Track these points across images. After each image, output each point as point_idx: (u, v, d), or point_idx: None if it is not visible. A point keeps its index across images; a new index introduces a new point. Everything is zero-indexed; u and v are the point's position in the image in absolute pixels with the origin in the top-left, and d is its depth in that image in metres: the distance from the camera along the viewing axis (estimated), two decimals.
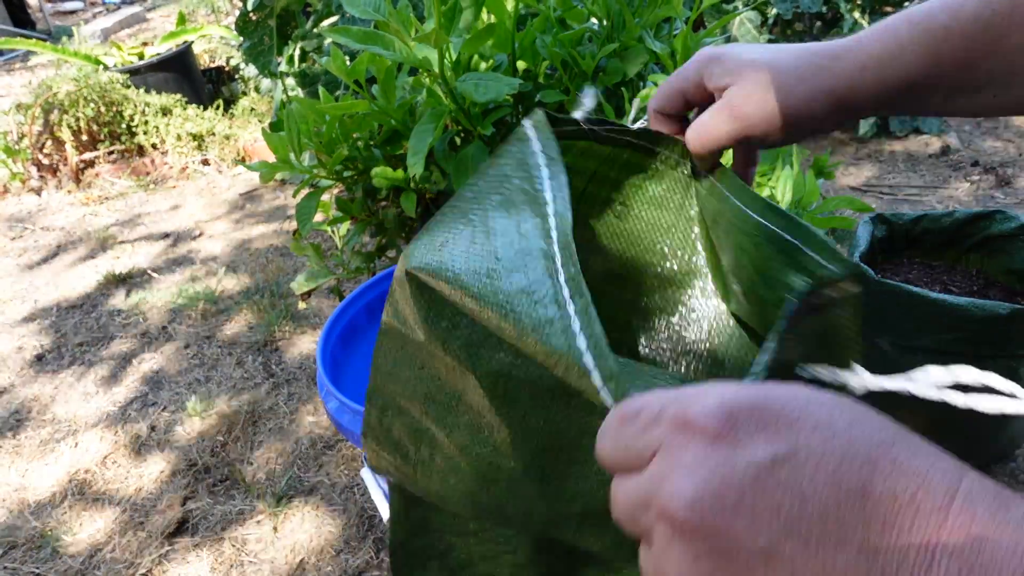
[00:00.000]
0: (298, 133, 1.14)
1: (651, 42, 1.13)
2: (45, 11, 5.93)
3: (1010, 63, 0.38)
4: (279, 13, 1.85)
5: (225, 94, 3.38)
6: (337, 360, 0.90)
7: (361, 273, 1.38)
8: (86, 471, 1.44)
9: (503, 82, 1.00)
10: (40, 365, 1.82)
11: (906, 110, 0.43)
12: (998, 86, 0.39)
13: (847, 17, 2.21)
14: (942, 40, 0.39)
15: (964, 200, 1.96)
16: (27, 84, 3.66)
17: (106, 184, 2.86)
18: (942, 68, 0.39)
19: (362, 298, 0.97)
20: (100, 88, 2.84)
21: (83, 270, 2.26)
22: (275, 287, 1.99)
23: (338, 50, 1.10)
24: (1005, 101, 0.40)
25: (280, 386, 1.61)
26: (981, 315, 0.95)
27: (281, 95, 2.04)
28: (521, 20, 1.19)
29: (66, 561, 1.25)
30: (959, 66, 0.39)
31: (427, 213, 1.30)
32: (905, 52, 0.39)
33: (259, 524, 1.27)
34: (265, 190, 2.68)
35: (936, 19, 0.39)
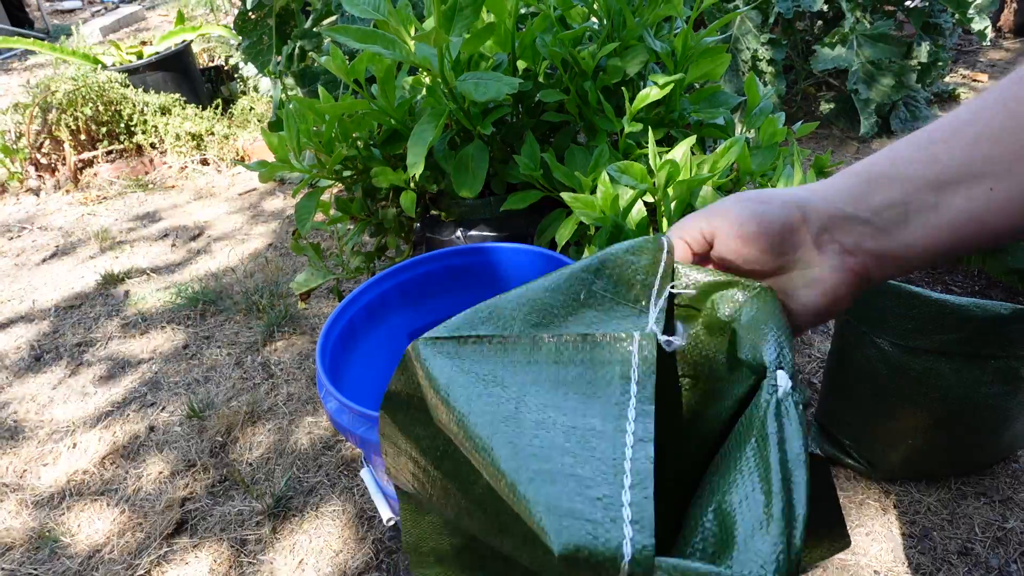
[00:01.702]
0: (297, 133, 1.14)
1: (651, 41, 1.12)
2: (43, 10, 5.92)
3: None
4: (278, 12, 1.84)
5: (224, 93, 3.38)
6: (337, 360, 0.90)
7: (361, 273, 1.38)
8: (84, 472, 1.44)
9: (503, 81, 0.99)
10: (38, 365, 1.81)
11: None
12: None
13: (848, 16, 2.21)
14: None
15: None
16: (25, 83, 3.66)
17: (104, 184, 2.85)
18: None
19: (362, 298, 0.97)
20: (98, 87, 2.83)
21: (81, 270, 2.26)
22: (274, 287, 1.98)
23: (337, 49, 1.09)
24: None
25: (279, 386, 1.61)
26: (983, 315, 0.95)
27: (280, 94, 2.03)
28: (521, 19, 1.19)
29: (64, 562, 1.24)
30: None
31: (426, 213, 1.29)
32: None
33: (258, 525, 1.27)
34: (264, 190, 2.67)
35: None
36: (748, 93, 1.16)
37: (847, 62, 2.21)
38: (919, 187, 0.35)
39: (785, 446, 0.29)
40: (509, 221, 1.22)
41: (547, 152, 1.10)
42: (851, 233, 0.37)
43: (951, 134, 0.35)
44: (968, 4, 2.21)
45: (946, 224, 0.35)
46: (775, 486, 0.28)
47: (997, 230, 0.35)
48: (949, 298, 0.96)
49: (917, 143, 0.36)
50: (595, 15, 1.16)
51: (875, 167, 0.37)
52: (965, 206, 0.34)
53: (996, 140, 0.33)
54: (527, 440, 0.30)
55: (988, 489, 1.15)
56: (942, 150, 0.35)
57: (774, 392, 0.32)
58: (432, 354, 0.35)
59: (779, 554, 0.26)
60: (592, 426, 0.31)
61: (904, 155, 0.36)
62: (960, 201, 0.34)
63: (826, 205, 0.37)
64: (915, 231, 0.36)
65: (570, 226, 1.09)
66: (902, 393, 1.07)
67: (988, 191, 0.34)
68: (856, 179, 0.38)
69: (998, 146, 0.33)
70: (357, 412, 0.75)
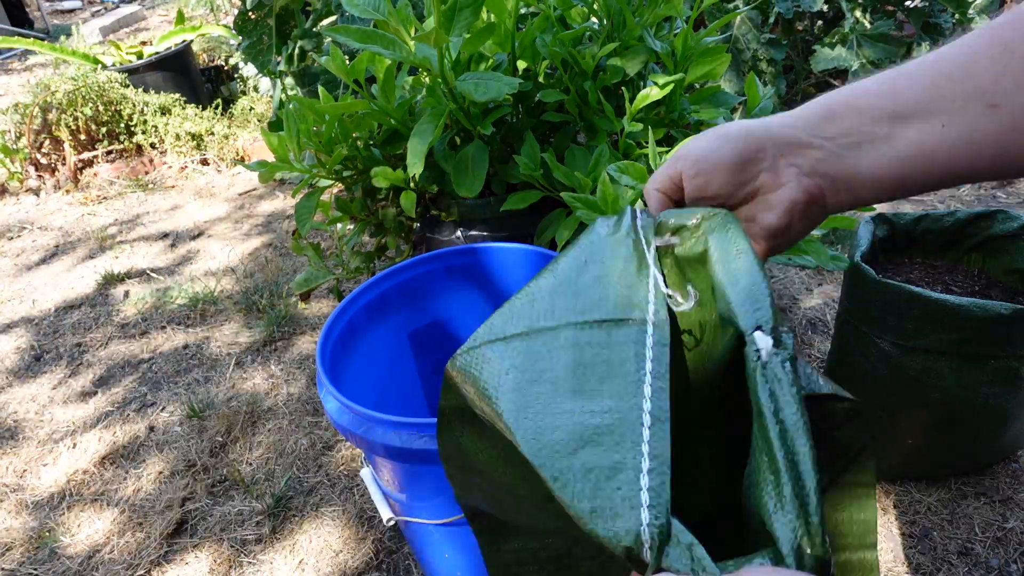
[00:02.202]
0: (297, 133, 1.14)
1: (651, 41, 1.12)
2: (43, 10, 5.92)
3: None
4: (278, 12, 1.84)
5: (224, 93, 3.38)
6: (337, 360, 0.90)
7: (360, 273, 1.38)
8: (84, 472, 1.44)
9: (503, 81, 0.99)
10: (38, 365, 1.81)
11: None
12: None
13: (848, 16, 2.21)
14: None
15: (966, 200, 1.96)
16: (25, 83, 3.65)
17: (104, 184, 2.85)
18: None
19: (362, 298, 0.96)
20: (98, 87, 2.83)
21: (81, 270, 2.26)
22: (274, 287, 1.98)
23: (337, 49, 1.09)
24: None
25: (279, 386, 1.60)
26: (983, 315, 0.95)
27: (280, 94, 2.03)
28: (521, 19, 1.19)
29: (64, 562, 1.24)
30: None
31: (426, 213, 1.29)
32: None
33: (258, 525, 1.27)
34: (264, 190, 2.67)
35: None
36: (748, 93, 1.16)
37: (847, 62, 2.21)
38: (875, 118, 0.37)
39: (781, 415, 0.28)
40: (509, 221, 1.22)
41: (547, 152, 1.10)
42: (806, 157, 0.39)
43: (915, 70, 0.37)
44: (968, 4, 2.21)
45: (896, 156, 0.37)
46: (780, 464, 0.27)
47: (945, 167, 0.36)
48: (949, 298, 0.96)
49: (882, 77, 0.38)
50: (595, 15, 1.16)
51: (837, 96, 0.39)
52: (916, 139, 0.36)
53: (954, 79, 0.35)
54: (559, 435, 0.31)
55: (988, 489, 1.15)
56: (904, 84, 0.37)
57: (758, 357, 0.31)
58: (467, 364, 0.36)
59: (799, 537, 0.26)
60: (610, 408, 0.31)
61: (866, 87, 0.38)
62: (912, 134, 0.36)
63: (783, 132, 0.39)
64: (866, 159, 0.38)
65: (570, 226, 1.09)
66: (902, 393, 1.07)
67: (940, 127, 0.36)
68: (817, 108, 0.39)
69: (955, 85, 0.35)
70: (357, 412, 0.75)
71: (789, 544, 0.26)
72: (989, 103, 0.34)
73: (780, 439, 0.28)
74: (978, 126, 0.35)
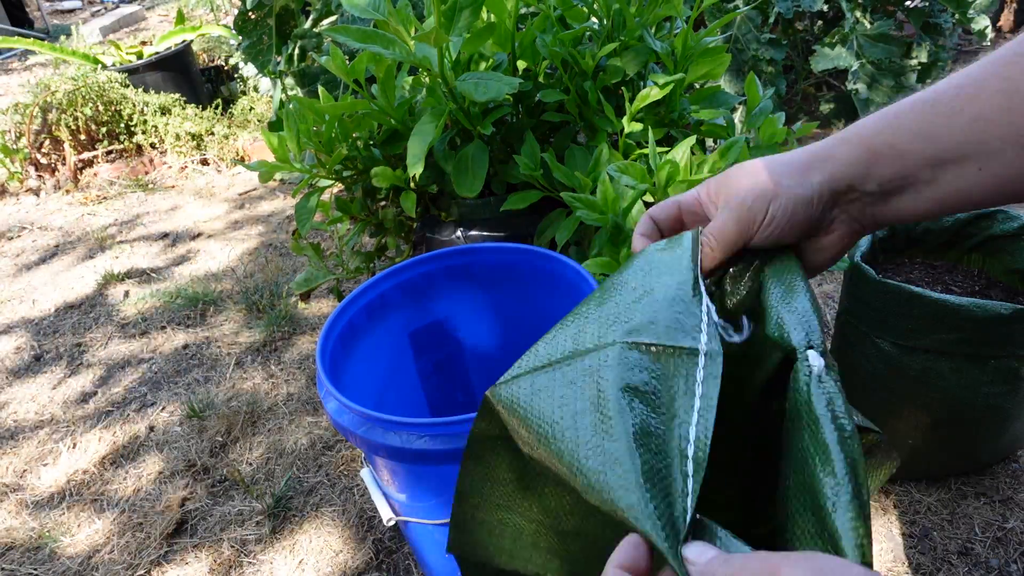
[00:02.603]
0: (297, 133, 1.14)
1: (651, 41, 1.12)
2: (43, 10, 5.92)
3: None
4: (278, 12, 1.84)
5: (224, 93, 3.38)
6: (337, 360, 0.90)
7: (360, 273, 1.38)
8: (84, 472, 1.44)
9: (503, 81, 0.99)
10: (38, 365, 1.81)
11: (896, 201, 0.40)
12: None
13: (848, 16, 2.21)
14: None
15: None
16: (25, 83, 3.65)
17: (104, 184, 2.85)
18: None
19: (362, 298, 0.96)
20: (98, 87, 2.83)
21: (81, 270, 2.26)
22: (274, 287, 1.98)
23: (337, 49, 1.09)
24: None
25: (279, 387, 1.60)
26: (983, 315, 0.95)
27: (280, 94, 2.03)
28: (521, 19, 1.19)
29: (64, 563, 1.24)
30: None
31: (426, 213, 1.29)
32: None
33: (258, 525, 1.27)
34: (264, 190, 2.67)
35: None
36: (748, 93, 1.16)
37: (847, 62, 2.21)
38: (917, 163, 0.37)
39: (840, 422, 0.30)
40: (509, 221, 1.22)
41: (547, 152, 1.10)
42: (857, 203, 0.40)
43: (952, 107, 0.36)
44: (968, 4, 2.21)
45: (934, 197, 0.38)
46: (839, 468, 0.28)
47: (978, 203, 0.38)
48: (949, 298, 0.96)
49: (920, 114, 0.38)
50: (595, 15, 1.16)
51: (877, 135, 0.39)
52: (954, 183, 0.37)
53: (991, 122, 0.35)
54: (607, 458, 0.31)
55: (988, 489, 1.15)
56: (942, 126, 0.36)
57: (809, 372, 0.32)
58: (514, 396, 0.37)
59: (861, 537, 0.27)
60: (659, 447, 0.32)
61: (905, 127, 0.38)
62: (951, 177, 0.37)
63: (840, 181, 0.40)
64: (908, 201, 0.39)
65: (570, 226, 1.09)
66: (902, 393, 1.07)
67: (977, 171, 0.36)
68: (859, 150, 0.39)
69: (993, 128, 0.35)
70: (357, 412, 0.75)
71: (854, 541, 0.26)
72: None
73: (839, 445, 0.29)
74: (1014, 165, 0.35)
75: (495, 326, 1.10)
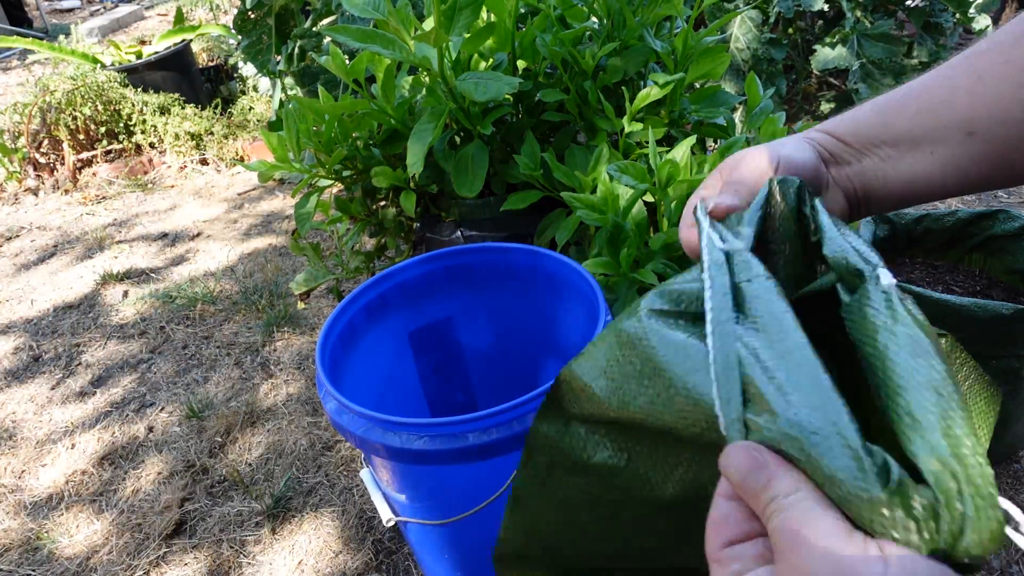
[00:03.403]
0: (297, 132, 1.13)
1: (652, 41, 1.12)
2: (42, 9, 5.91)
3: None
4: (278, 11, 1.84)
5: (223, 93, 3.37)
6: (336, 361, 0.89)
7: (360, 273, 1.38)
8: (83, 472, 1.43)
9: (503, 81, 0.99)
10: (37, 366, 1.81)
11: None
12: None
13: (849, 15, 2.20)
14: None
15: (967, 199, 1.96)
16: (24, 83, 3.65)
17: (103, 184, 2.85)
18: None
19: (361, 298, 0.96)
20: (97, 87, 2.83)
21: (80, 270, 2.25)
22: (274, 287, 1.98)
23: (337, 49, 1.09)
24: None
25: (279, 387, 1.60)
26: (984, 315, 0.95)
27: (280, 94, 2.03)
28: (521, 19, 1.18)
29: (62, 563, 1.24)
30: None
31: (426, 212, 1.29)
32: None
33: (257, 525, 1.26)
34: (264, 190, 2.67)
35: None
36: (748, 93, 1.16)
37: (848, 62, 2.21)
38: (878, 143, 0.43)
39: (926, 331, 0.29)
40: (509, 221, 1.22)
41: (547, 152, 1.10)
42: (840, 167, 0.44)
43: (903, 101, 0.42)
44: (969, 3, 2.21)
45: (899, 177, 0.42)
46: (943, 386, 0.27)
47: (940, 186, 0.41)
48: (950, 298, 0.96)
49: (878, 106, 0.44)
50: (595, 15, 1.16)
51: (841, 126, 0.44)
52: (915, 165, 0.41)
53: (935, 112, 0.40)
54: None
55: None
56: (893, 115, 0.42)
57: (888, 291, 0.31)
58: (582, 365, 0.39)
59: (977, 453, 0.26)
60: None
61: (865, 116, 0.44)
62: (908, 159, 0.41)
63: (826, 144, 0.45)
64: (879, 177, 0.43)
65: (570, 226, 1.08)
66: None
67: (929, 154, 0.40)
68: (828, 137, 0.44)
69: (937, 118, 0.40)
70: (357, 412, 0.75)
71: (977, 463, 0.26)
72: (967, 132, 0.39)
73: (937, 353, 0.28)
74: (960, 152, 0.39)
75: (495, 326, 1.10)
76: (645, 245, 1.00)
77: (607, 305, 0.85)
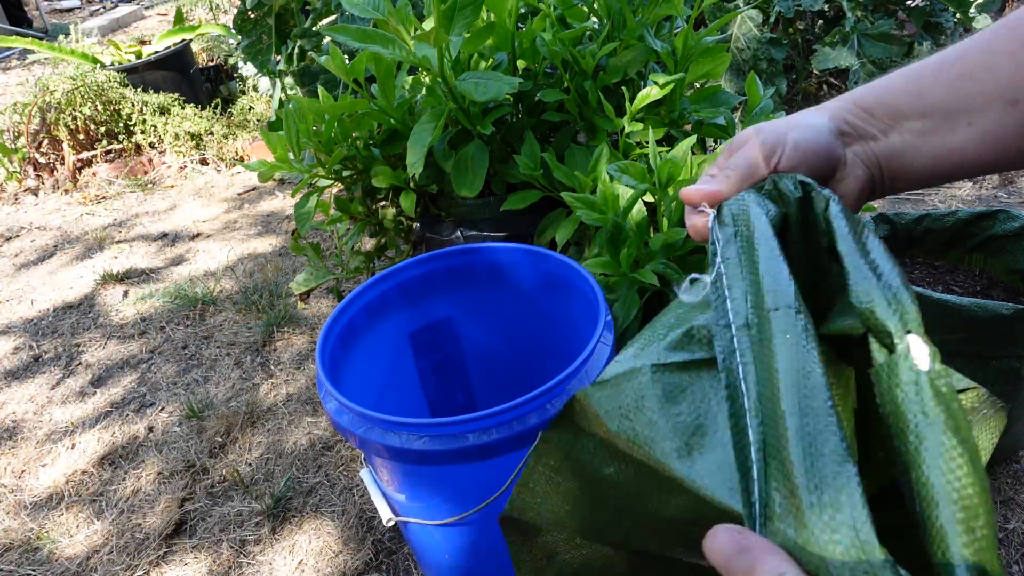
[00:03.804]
0: (297, 132, 1.13)
1: (652, 41, 1.12)
2: (42, 9, 5.91)
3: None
4: (278, 11, 1.84)
5: (223, 93, 3.37)
6: (336, 361, 0.89)
7: (360, 273, 1.38)
8: (83, 472, 1.43)
9: (503, 81, 0.99)
10: (37, 366, 1.81)
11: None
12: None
13: (849, 15, 2.20)
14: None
15: (967, 199, 1.96)
16: (24, 83, 3.65)
17: (103, 184, 2.85)
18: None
19: (361, 298, 0.96)
20: (97, 87, 2.82)
21: (80, 270, 2.25)
22: (274, 287, 1.98)
23: (337, 49, 1.09)
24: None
25: (279, 387, 1.60)
26: (984, 315, 0.94)
27: (280, 94, 2.03)
28: (521, 19, 1.18)
29: (62, 564, 1.24)
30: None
31: (426, 212, 1.29)
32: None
33: (258, 526, 1.26)
34: (264, 190, 2.67)
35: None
36: (749, 93, 1.16)
37: (848, 61, 2.21)
38: (909, 114, 0.40)
39: (959, 429, 0.26)
40: (509, 221, 1.22)
41: (547, 152, 1.10)
42: (864, 146, 0.42)
43: (938, 68, 0.39)
44: (969, 3, 2.21)
45: (930, 151, 0.40)
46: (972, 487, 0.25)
47: (975, 160, 0.39)
48: (950, 298, 0.96)
49: (910, 73, 0.41)
50: (595, 14, 1.16)
51: (869, 96, 0.42)
52: (948, 138, 0.39)
53: (975, 79, 0.37)
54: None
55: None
56: (928, 84, 0.39)
57: (916, 372, 0.27)
58: (600, 395, 0.39)
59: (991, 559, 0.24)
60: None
61: (895, 84, 0.41)
62: (943, 133, 0.39)
63: (837, 121, 0.42)
64: (908, 153, 0.40)
65: (570, 226, 1.08)
66: None
67: (967, 125, 0.38)
68: (851, 104, 0.42)
69: (977, 85, 0.37)
70: (357, 412, 0.75)
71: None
72: (1010, 100, 0.36)
73: (970, 461, 0.25)
74: (1001, 123, 0.37)
75: (495, 326, 1.10)
76: (645, 245, 1.00)
77: (607, 305, 0.85)
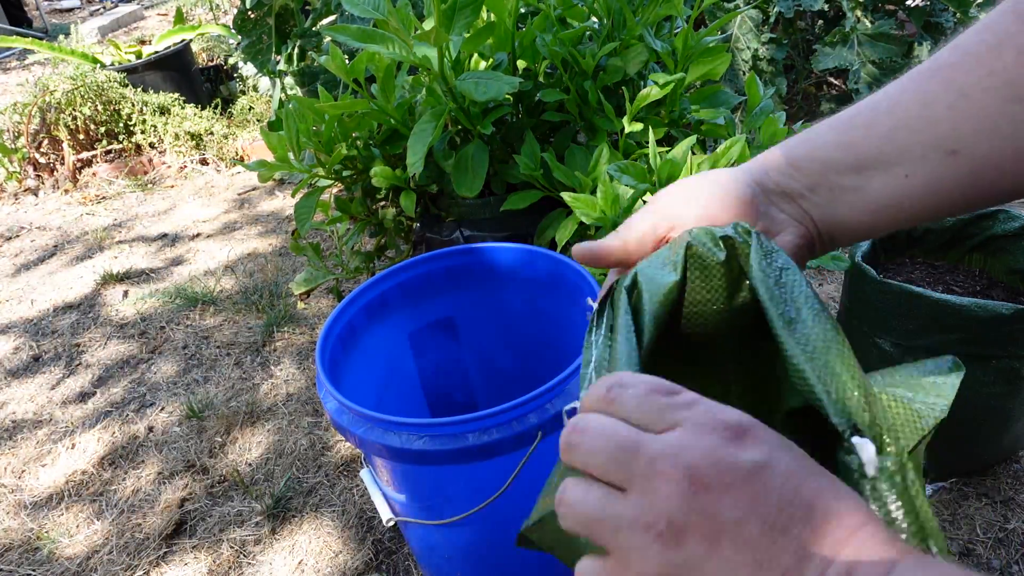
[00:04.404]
0: (297, 132, 1.13)
1: (652, 41, 1.12)
2: (42, 9, 5.91)
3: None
4: (278, 11, 1.84)
5: (223, 93, 3.37)
6: (336, 361, 0.89)
7: (360, 273, 1.38)
8: (83, 472, 1.43)
9: (503, 81, 0.99)
10: (37, 366, 1.81)
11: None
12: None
13: (849, 15, 2.20)
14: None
15: None
16: (24, 83, 3.65)
17: (103, 184, 2.85)
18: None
19: (361, 298, 0.96)
20: (97, 87, 2.82)
21: (80, 270, 2.25)
22: (274, 287, 1.98)
23: (337, 49, 1.09)
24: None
25: (279, 387, 1.60)
26: (984, 315, 0.95)
27: (280, 94, 2.03)
28: (521, 19, 1.18)
29: (62, 564, 1.24)
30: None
31: (426, 212, 1.29)
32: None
33: (257, 525, 1.26)
34: (263, 190, 2.67)
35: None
36: (749, 93, 1.16)
37: (848, 62, 2.21)
38: (840, 170, 0.38)
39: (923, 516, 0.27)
40: (509, 221, 1.22)
41: (547, 152, 1.10)
42: (794, 204, 0.40)
43: (870, 119, 0.37)
44: (970, 3, 2.21)
45: (865, 207, 0.38)
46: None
47: (914, 212, 0.37)
48: (950, 298, 0.96)
49: (838, 126, 0.39)
50: (595, 14, 1.16)
51: (798, 146, 0.40)
52: (881, 189, 0.37)
53: (912, 129, 0.36)
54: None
55: (989, 490, 1.15)
56: (860, 136, 0.37)
57: (864, 475, 0.27)
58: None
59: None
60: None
61: (824, 137, 0.39)
62: (877, 184, 0.37)
63: (768, 180, 0.40)
64: (842, 208, 0.39)
65: (570, 226, 1.08)
66: None
67: (904, 177, 0.36)
68: (782, 160, 0.40)
69: (914, 135, 0.36)
70: (357, 412, 0.75)
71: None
72: (949, 150, 0.35)
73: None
74: (940, 174, 0.36)
75: (495, 326, 1.10)
76: None
77: None
